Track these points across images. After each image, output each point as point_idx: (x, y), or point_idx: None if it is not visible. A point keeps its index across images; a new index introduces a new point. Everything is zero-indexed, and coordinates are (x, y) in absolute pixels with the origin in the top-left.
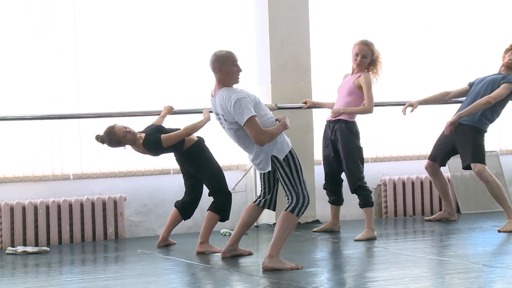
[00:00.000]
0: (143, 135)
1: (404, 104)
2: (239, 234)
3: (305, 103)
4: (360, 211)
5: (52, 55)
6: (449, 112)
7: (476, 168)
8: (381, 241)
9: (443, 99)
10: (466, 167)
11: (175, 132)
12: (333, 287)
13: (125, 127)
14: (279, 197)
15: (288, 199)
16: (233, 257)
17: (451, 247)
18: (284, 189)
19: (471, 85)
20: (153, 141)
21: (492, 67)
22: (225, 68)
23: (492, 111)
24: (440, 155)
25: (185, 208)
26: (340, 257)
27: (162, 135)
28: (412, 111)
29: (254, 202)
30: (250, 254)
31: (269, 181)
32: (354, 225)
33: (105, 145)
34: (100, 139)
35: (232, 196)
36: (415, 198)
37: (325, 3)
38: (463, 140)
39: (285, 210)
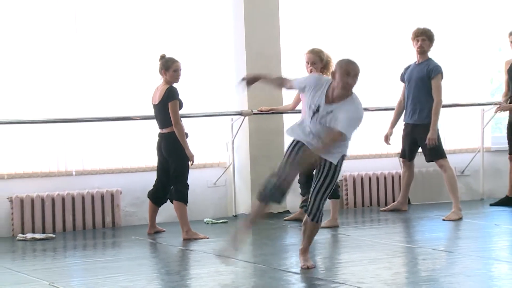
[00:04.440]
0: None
1: (377, 109)
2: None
3: (261, 110)
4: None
5: (57, 61)
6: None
7: (439, 163)
8: (343, 228)
9: (402, 110)
10: (430, 161)
11: (177, 115)
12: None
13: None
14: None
15: (311, 207)
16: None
17: (402, 233)
18: (314, 193)
19: (403, 79)
20: (173, 91)
21: (483, 71)
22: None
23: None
24: (406, 151)
25: (157, 197)
26: None
27: (175, 101)
28: (389, 140)
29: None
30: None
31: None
32: None
33: (105, 145)
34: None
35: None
36: (371, 192)
37: (295, 18)
38: (422, 138)
39: (314, 222)
